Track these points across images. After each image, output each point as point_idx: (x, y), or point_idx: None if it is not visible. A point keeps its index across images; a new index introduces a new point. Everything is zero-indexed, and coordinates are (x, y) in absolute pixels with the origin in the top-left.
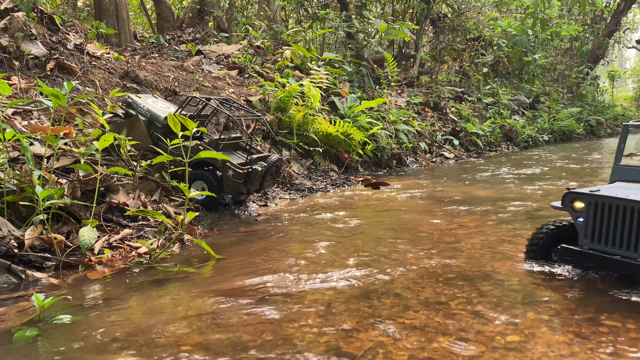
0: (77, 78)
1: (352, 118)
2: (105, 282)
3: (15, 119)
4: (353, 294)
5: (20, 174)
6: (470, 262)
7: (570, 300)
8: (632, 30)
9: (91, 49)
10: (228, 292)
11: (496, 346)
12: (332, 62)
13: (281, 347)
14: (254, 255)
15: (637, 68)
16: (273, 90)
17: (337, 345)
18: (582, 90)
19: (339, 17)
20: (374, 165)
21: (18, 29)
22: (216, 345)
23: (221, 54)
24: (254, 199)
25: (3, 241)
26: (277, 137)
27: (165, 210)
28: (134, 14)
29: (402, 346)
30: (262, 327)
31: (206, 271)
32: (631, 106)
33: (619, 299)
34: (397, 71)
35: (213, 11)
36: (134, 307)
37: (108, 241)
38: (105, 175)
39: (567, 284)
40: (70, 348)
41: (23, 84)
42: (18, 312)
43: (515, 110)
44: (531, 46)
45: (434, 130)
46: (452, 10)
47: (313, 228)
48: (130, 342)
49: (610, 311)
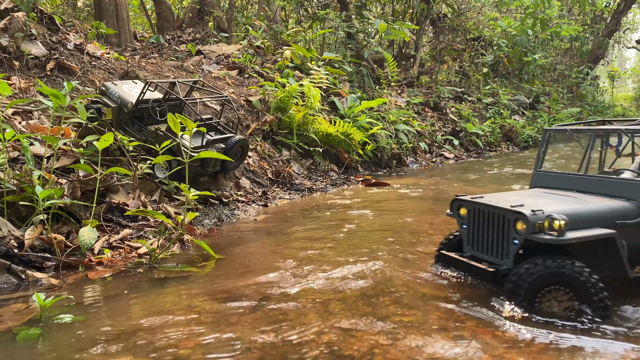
0: (77, 78)
1: (352, 118)
2: (106, 282)
3: (15, 119)
4: (352, 293)
5: (20, 174)
6: None
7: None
8: (632, 30)
9: (91, 49)
10: (228, 292)
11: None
12: (332, 62)
13: (281, 346)
14: (253, 255)
15: (637, 68)
16: (273, 90)
17: (337, 344)
18: (582, 90)
19: (339, 17)
20: (374, 165)
21: (18, 29)
22: (216, 344)
23: (221, 54)
24: (254, 199)
25: (3, 241)
26: (241, 123)
27: (165, 210)
28: (134, 14)
29: (401, 345)
30: (262, 326)
31: (206, 271)
32: (631, 106)
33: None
34: (397, 71)
35: (213, 11)
36: (134, 307)
37: (108, 241)
38: (105, 176)
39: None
40: (74, 347)
41: (23, 84)
42: (15, 312)
43: (515, 110)
44: (531, 46)
45: (434, 130)
46: (452, 10)
47: (312, 228)
48: (130, 342)
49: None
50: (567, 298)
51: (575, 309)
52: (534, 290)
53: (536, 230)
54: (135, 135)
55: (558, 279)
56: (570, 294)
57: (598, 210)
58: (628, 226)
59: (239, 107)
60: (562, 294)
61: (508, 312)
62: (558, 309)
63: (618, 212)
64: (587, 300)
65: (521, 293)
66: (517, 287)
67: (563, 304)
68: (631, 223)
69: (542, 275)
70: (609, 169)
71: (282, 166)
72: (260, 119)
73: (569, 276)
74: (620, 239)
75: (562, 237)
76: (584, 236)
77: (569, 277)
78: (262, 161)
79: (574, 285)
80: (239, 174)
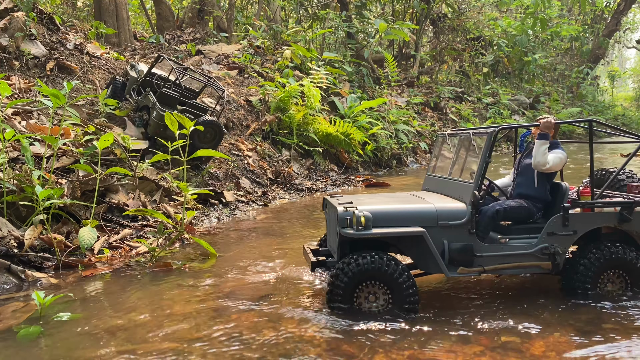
0: (77, 78)
1: (352, 118)
2: (105, 281)
3: (15, 119)
4: None
5: (20, 174)
6: None
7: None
8: (632, 30)
9: (91, 48)
10: (227, 290)
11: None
12: (332, 62)
13: (280, 344)
14: (253, 253)
15: (637, 68)
16: (273, 90)
17: (336, 343)
18: (582, 90)
19: (339, 17)
20: (374, 165)
21: (18, 29)
22: (216, 341)
23: (221, 54)
24: (254, 199)
25: (3, 241)
26: (222, 113)
27: (165, 210)
28: (134, 14)
29: (403, 346)
30: (262, 324)
31: (206, 269)
32: (631, 106)
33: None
34: (397, 71)
35: (213, 11)
36: (133, 305)
37: (108, 241)
38: (105, 176)
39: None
40: (73, 345)
41: (23, 84)
42: (15, 311)
43: (515, 110)
44: (531, 46)
45: (434, 130)
46: (452, 10)
47: (312, 228)
48: (130, 339)
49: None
50: (382, 292)
51: (388, 303)
52: (352, 285)
53: (345, 225)
54: (138, 99)
55: (372, 274)
56: (384, 288)
57: (415, 210)
58: (453, 226)
59: (238, 106)
60: (377, 288)
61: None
62: (376, 304)
63: (443, 213)
64: (398, 294)
65: (341, 287)
66: (336, 282)
67: (379, 299)
68: (455, 224)
69: (359, 271)
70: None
71: (282, 166)
72: (260, 119)
73: (379, 270)
74: (441, 238)
75: (364, 231)
76: (386, 232)
77: (379, 272)
78: (262, 161)
79: (386, 280)
80: (239, 174)
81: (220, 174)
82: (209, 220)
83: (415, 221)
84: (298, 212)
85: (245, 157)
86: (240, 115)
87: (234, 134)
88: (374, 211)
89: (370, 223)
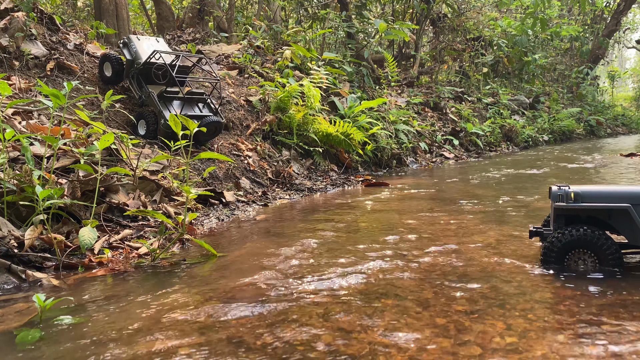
0: (77, 78)
1: (352, 118)
2: (106, 282)
3: (15, 119)
4: (352, 294)
5: (20, 174)
6: (470, 262)
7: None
8: (632, 30)
9: (91, 49)
10: (228, 292)
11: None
12: (332, 62)
13: (281, 347)
14: (253, 254)
15: (637, 68)
16: (273, 90)
17: (337, 346)
18: (582, 90)
19: (339, 17)
20: (374, 165)
21: (18, 29)
22: (216, 345)
23: (221, 54)
24: (254, 199)
25: (3, 241)
26: (220, 96)
27: (165, 210)
28: (134, 14)
29: (402, 347)
30: (261, 328)
31: (206, 271)
32: (631, 106)
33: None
34: (397, 71)
35: (213, 11)
36: (134, 307)
37: (108, 241)
38: (105, 175)
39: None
40: (75, 349)
41: (23, 84)
42: (15, 313)
43: (515, 110)
44: (531, 46)
45: (434, 130)
46: (452, 10)
47: (312, 228)
48: (131, 342)
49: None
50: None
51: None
52: (564, 250)
53: (558, 200)
54: (136, 90)
55: (582, 244)
56: (594, 257)
57: (623, 190)
58: None
59: (239, 106)
60: (588, 256)
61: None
62: (584, 267)
63: None
64: (603, 259)
65: (554, 251)
66: (551, 247)
67: (587, 263)
68: None
69: (572, 240)
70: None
71: (282, 166)
72: (260, 119)
73: (589, 242)
74: None
75: (572, 204)
76: (592, 206)
77: (589, 243)
78: (262, 161)
79: (594, 250)
80: (239, 174)
81: (221, 174)
82: (209, 221)
83: (622, 200)
84: (298, 212)
85: (245, 157)
86: (240, 116)
87: (234, 134)
88: (584, 189)
89: (580, 199)
